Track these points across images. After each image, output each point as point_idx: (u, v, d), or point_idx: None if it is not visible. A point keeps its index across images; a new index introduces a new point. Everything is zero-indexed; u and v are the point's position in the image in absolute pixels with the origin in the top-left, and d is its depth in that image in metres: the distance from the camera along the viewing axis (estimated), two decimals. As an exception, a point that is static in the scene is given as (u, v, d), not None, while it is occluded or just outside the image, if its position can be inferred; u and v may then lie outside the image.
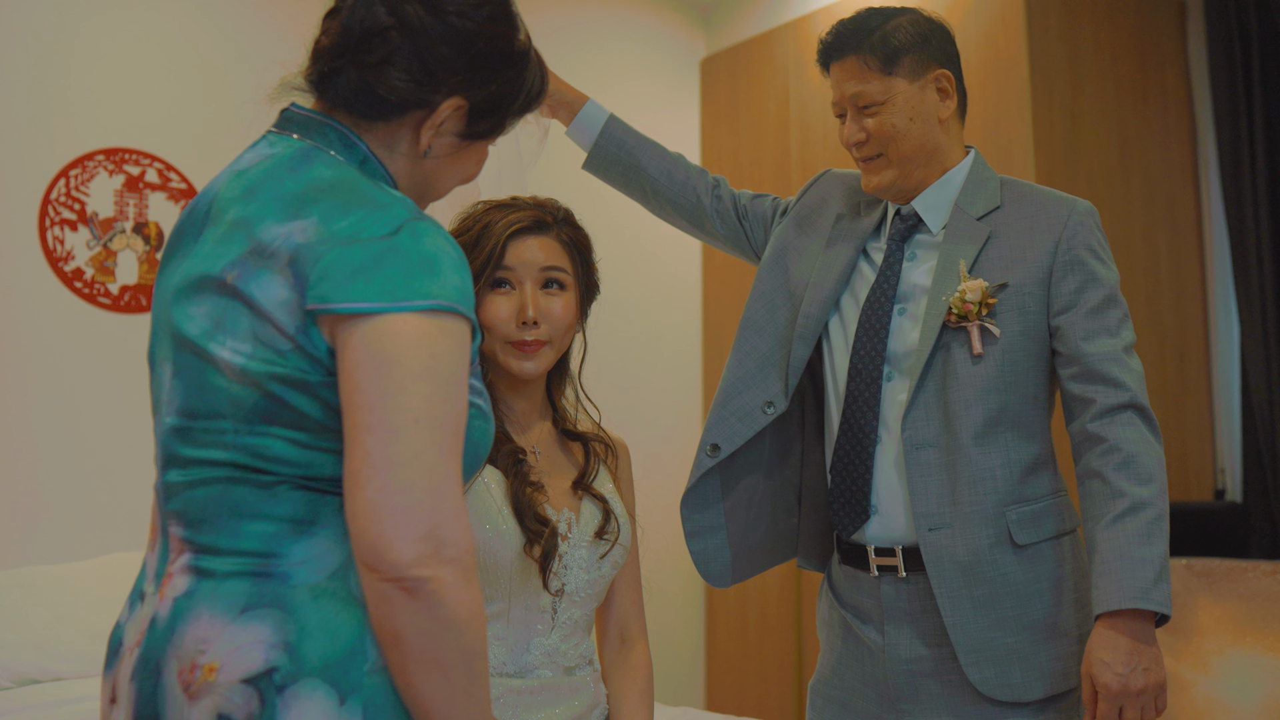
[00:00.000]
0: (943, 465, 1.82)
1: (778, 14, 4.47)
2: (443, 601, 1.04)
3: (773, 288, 2.04)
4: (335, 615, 1.10)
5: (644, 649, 1.83)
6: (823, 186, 2.12)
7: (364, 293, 1.06)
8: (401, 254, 1.09)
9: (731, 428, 1.96)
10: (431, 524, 1.03)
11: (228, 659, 1.07)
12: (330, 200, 1.13)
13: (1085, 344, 1.79)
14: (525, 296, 1.70)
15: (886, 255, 1.95)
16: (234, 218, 1.17)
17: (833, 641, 2.01)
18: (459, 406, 1.09)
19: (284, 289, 1.10)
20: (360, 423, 1.05)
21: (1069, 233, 1.84)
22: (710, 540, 2.01)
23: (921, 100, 1.89)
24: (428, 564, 1.03)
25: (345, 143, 1.22)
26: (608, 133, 2.12)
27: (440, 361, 1.07)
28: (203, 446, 1.14)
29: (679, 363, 4.59)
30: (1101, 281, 1.82)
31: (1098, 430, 1.75)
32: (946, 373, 1.83)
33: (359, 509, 1.04)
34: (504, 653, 1.65)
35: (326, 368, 1.10)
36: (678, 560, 4.49)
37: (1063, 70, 3.62)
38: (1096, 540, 1.72)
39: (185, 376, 1.16)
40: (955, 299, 1.82)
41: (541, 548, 1.64)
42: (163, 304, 1.21)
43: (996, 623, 1.78)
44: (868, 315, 1.91)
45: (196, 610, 1.11)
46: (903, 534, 1.86)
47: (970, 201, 1.92)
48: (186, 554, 1.14)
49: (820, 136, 4.13)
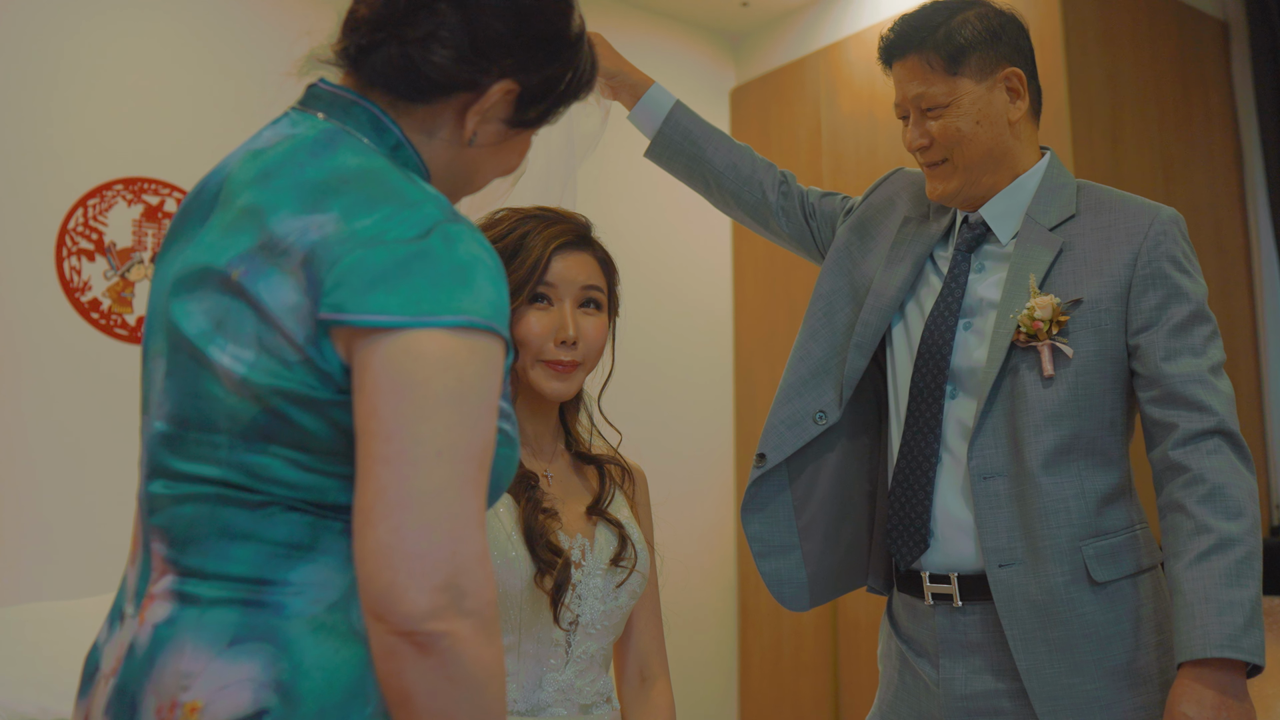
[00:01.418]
0: (1012, 496, 1.69)
1: (808, 42, 4.41)
2: (458, 659, 0.91)
3: (832, 290, 1.93)
4: (335, 652, 0.98)
5: (665, 687, 1.73)
6: (891, 186, 2.01)
7: (385, 304, 0.94)
8: (431, 260, 0.96)
9: (780, 436, 1.85)
10: (450, 571, 0.91)
11: (212, 698, 0.95)
12: (355, 193, 1.01)
13: (1166, 364, 1.65)
14: (565, 314, 1.62)
15: (952, 266, 1.83)
16: (245, 204, 1.04)
17: (889, 674, 1.90)
18: (486, 437, 0.97)
19: (295, 293, 0.97)
20: (375, 453, 0.92)
21: (1150, 243, 1.71)
22: (784, 560, 1.88)
23: (989, 102, 1.77)
24: (444, 617, 0.90)
25: (377, 126, 1.09)
26: (673, 120, 2.02)
27: (468, 386, 0.95)
28: (193, 460, 1.03)
29: (709, 392, 4.53)
30: (1186, 296, 1.69)
31: (1180, 459, 1.62)
32: (1015, 395, 1.71)
33: (369, 551, 0.91)
34: (514, 690, 1.56)
35: (338, 385, 0.97)
36: (709, 596, 4.45)
37: (1102, 91, 3.53)
38: (1179, 580, 1.57)
39: (179, 379, 1.04)
40: (1024, 316, 1.70)
41: (554, 579, 1.54)
42: (160, 293, 1.09)
43: (1075, 668, 1.64)
44: (931, 330, 1.80)
45: (179, 640, 0.98)
46: (959, 562, 1.74)
47: (1043, 210, 1.79)
48: (170, 576, 1.03)
49: (853, 164, 4.05)
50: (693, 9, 4.49)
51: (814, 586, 1.89)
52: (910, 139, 1.82)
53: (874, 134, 4.00)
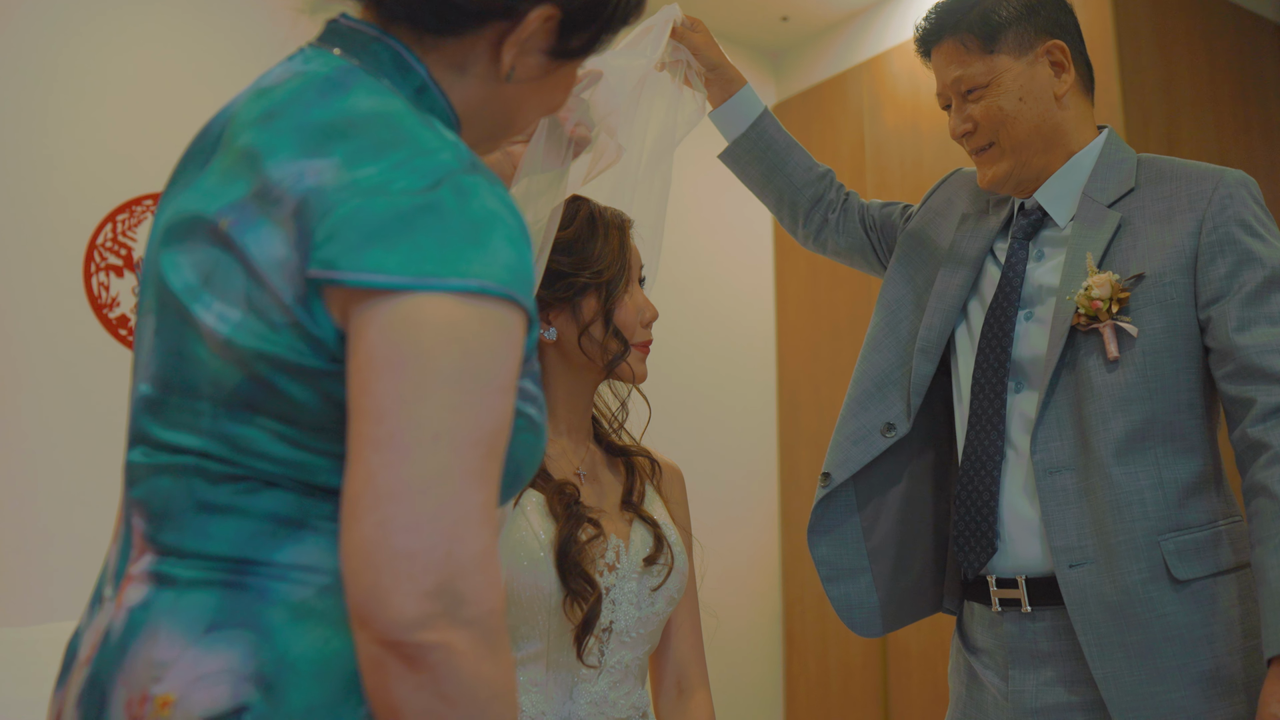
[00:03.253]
0: (1081, 490, 1.57)
1: (849, 56, 4.32)
2: (453, 675, 0.78)
3: (895, 298, 1.84)
4: (324, 643, 0.85)
5: (705, 699, 1.60)
6: (949, 187, 1.93)
7: (383, 262, 0.81)
8: (440, 215, 0.83)
9: (845, 453, 1.74)
10: (445, 574, 0.77)
11: (187, 691, 0.83)
12: (362, 138, 0.88)
13: (1239, 335, 1.52)
14: (641, 294, 1.57)
15: (1009, 255, 1.73)
16: (243, 146, 0.92)
17: (957, 689, 1.78)
18: (496, 421, 0.83)
19: (283, 246, 0.85)
20: (365, 435, 0.80)
21: (1215, 207, 1.59)
22: (853, 584, 1.76)
23: (1032, 77, 1.69)
24: (435, 626, 0.77)
25: (400, 65, 0.97)
26: (760, 126, 1.95)
27: (477, 361, 0.82)
28: (174, 428, 0.92)
29: (753, 415, 4.40)
30: (1259, 260, 1.55)
31: (1260, 435, 1.49)
32: (1079, 383, 1.59)
33: (354, 547, 0.78)
34: (543, 701, 1.44)
35: (331, 354, 0.85)
36: (752, 624, 4.30)
37: (1157, 98, 3.41)
38: (1264, 568, 1.44)
39: (165, 338, 0.93)
40: (1081, 297, 1.59)
41: (584, 613, 1.42)
42: (153, 244, 0.98)
43: (1156, 675, 1.50)
44: (990, 323, 1.70)
45: (153, 625, 0.87)
46: (1028, 564, 1.62)
47: (1100, 187, 1.69)
48: (148, 555, 0.92)
49: (898, 178, 3.94)
50: (732, 25, 4.42)
51: (886, 611, 1.78)
52: (954, 126, 1.74)
53: (919, 147, 3.90)
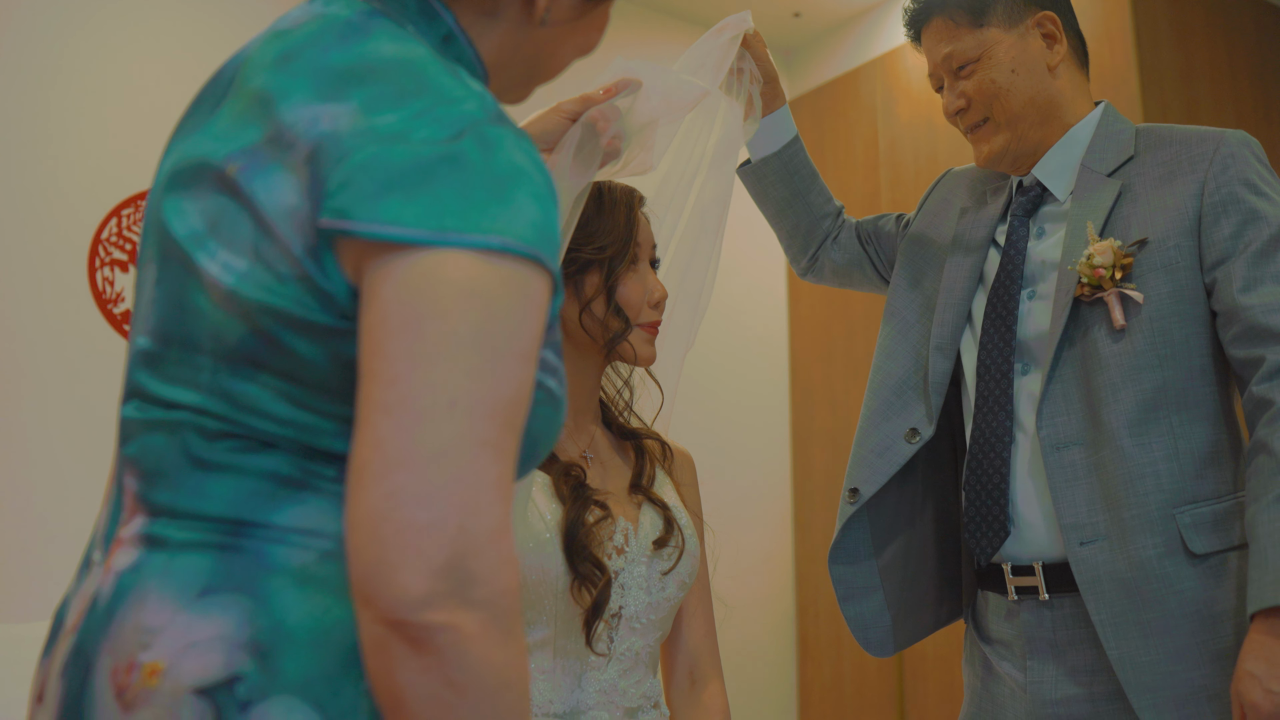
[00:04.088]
0: (1090, 465, 1.51)
1: (862, 52, 4.28)
2: (462, 660, 0.72)
3: (903, 305, 1.79)
4: (325, 612, 0.80)
5: (719, 689, 1.55)
6: (944, 187, 1.90)
7: (400, 214, 0.76)
8: (462, 167, 0.78)
9: (870, 466, 1.68)
10: (456, 551, 0.72)
11: (176, 659, 0.78)
12: (382, 84, 0.83)
13: (1244, 296, 1.47)
14: (650, 274, 1.51)
15: (1009, 233, 1.69)
16: (256, 89, 0.88)
17: (973, 682, 1.71)
18: (516, 389, 0.78)
19: (294, 193, 0.81)
20: (376, 399, 0.74)
21: (1217, 168, 1.54)
22: (867, 603, 1.71)
23: (1024, 49, 1.66)
24: (443, 606, 0.71)
25: (425, 11, 0.92)
26: (794, 149, 1.90)
27: (497, 324, 0.76)
28: (171, 382, 0.86)
29: (765, 416, 4.34)
30: (1264, 218, 1.50)
31: (1266, 393, 1.43)
32: (1086, 355, 1.54)
33: (359, 518, 0.73)
34: (550, 689, 1.39)
35: (342, 311, 0.80)
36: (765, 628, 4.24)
37: (1176, 91, 3.36)
38: (1255, 524, 1.39)
39: (166, 288, 0.88)
40: (1083, 265, 1.54)
41: (592, 598, 1.38)
42: (156, 190, 0.93)
43: (1175, 654, 1.44)
44: (994, 304, 1.65)
45: (142, 590, 0.81)
46: (1043, 549, 1.56)
47: (1099, 158, 1.64)
48: (140, 517, 0.86)
49: (912, 174, 3.90)
50: (743, 22, 4.37)
51: (899, 629, 1.72)
52: (947, 104, 1.71)
53: (933, 141, 3.85)
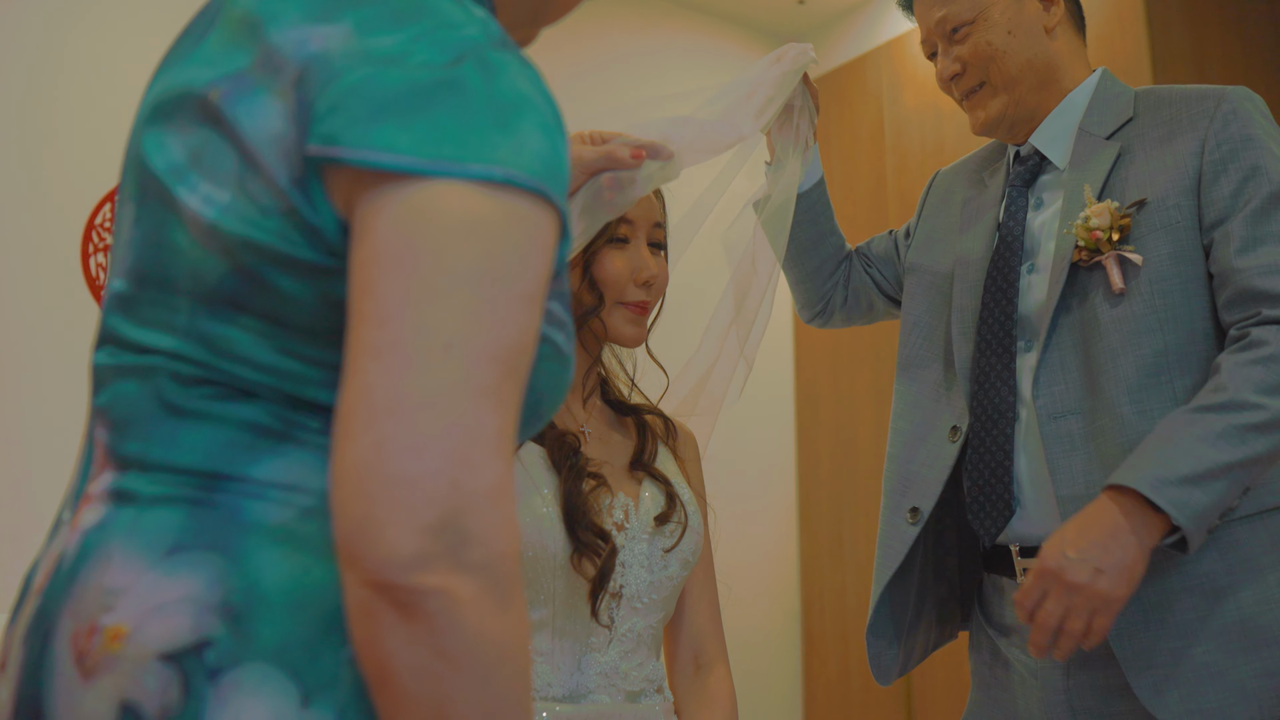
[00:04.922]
0: (1087, 434, 1.46)
1: (868, 38, 4.24)
2: (455, 628, 0.65)
3: (925, 309, 1.73)
4: (304, 572, 0.73)
5: (724, 674, 1.50)
6: (939, 187, 1.86)
7: (394, 140, 0.69)
8: (462, 93, 0.72)
9: (924, 480, 1.61)
10: (449, 507, 0.65)
11: (141, 621, 0.71)
12: (378, 5, 0.77)
13: (1240, 258, 1.41)
14: (643, 253, 1.47)
15: (1007, 204, 1.63)
16: (243, 13, 0.81)
17: (980, 669, 1.66)
18: (519, 334, 0.71)
19: (280, 119, 0.74)
20: (366, 341, 0.68)
21: (1218, 124, 1.48)
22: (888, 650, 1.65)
23: (1020, 9, 1.62)
24: (435, 568, 0.64)
25: None
26: (821, 189, 1.86)
27: (499, 262, 0.70)
28: (146, 325, 0.79)
29: (770, 407, 4.29)
30: (1265, 174, 1.44)
31: (1243, 330, 1.39)
32: (1085, 323, 1.49)
33: (344, 471, 0.66)
34: (549, 672, 1.34)
35: (330, 247, 0.73)
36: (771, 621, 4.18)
37: (1188, 70, 3.33)
38: (1164, 421, 1.36)
39: (145, 226, 0.81)
40: (1079, 228, 1.48)
41: (596, 569, 1.33)
42: (137, 126, 0.87)
43: (1176, 629, 1.38)
44: (994, 276, 1.59)
45: (107, 548, 0.75)
46: (1051, 527, 1.49)
47: (1097, 121, 1.60)
48: (108, 471, 0.80)
49: (918, 161, 3.85)
50: (747, 10, 4.33)
51: (905, 660, 1.68)
52: (941, 69, 1.66)
53: (940, 128, 3.80)
